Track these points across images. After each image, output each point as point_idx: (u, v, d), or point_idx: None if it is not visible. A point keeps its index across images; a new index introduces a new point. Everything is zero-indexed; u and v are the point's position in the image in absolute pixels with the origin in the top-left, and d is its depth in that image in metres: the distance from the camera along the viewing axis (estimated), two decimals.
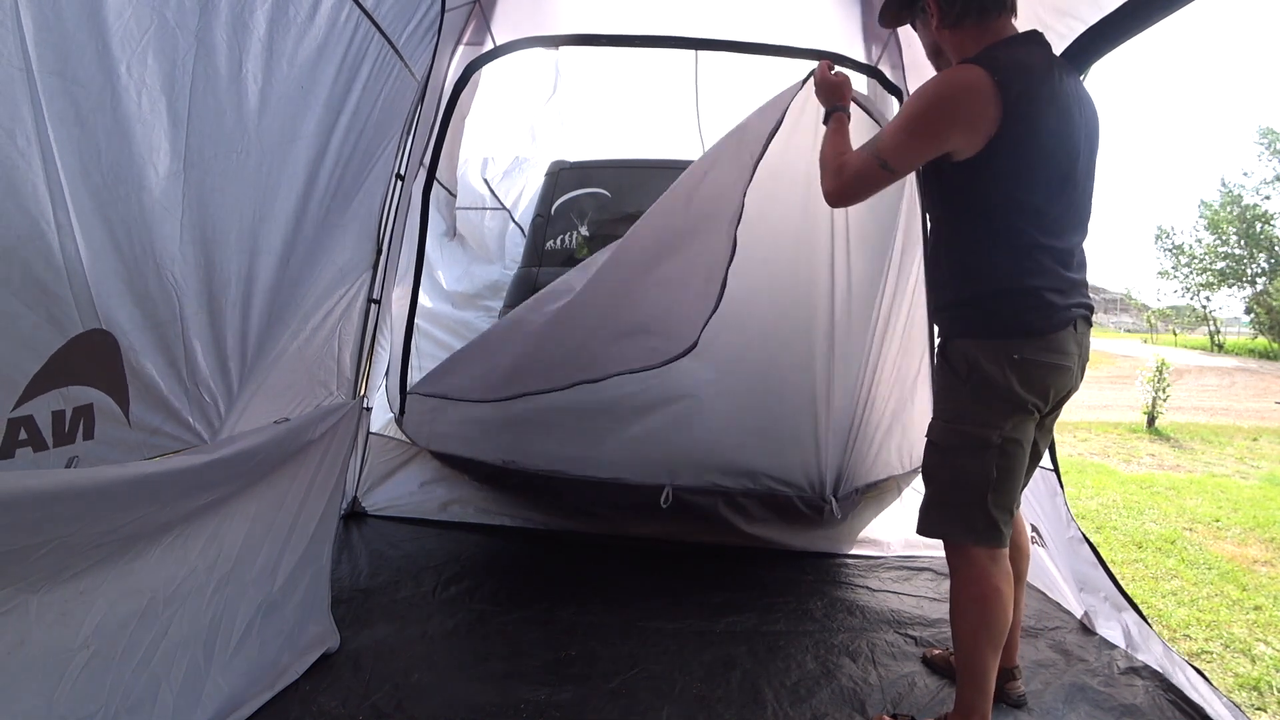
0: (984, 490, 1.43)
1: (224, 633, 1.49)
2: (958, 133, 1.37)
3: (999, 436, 1.42)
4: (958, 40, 1.48)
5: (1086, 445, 6.19)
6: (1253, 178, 29.64)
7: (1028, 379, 1.40)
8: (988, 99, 1.32)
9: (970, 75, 1.35)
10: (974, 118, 1.34)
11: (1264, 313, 23.37)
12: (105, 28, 0.97)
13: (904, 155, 1.43)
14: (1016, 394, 1.40)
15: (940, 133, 1.38)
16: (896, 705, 1.72)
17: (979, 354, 1.42)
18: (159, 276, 1.18)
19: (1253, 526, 3.75)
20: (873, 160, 1.45)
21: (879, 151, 1.44)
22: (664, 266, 2.02)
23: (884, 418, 2.52)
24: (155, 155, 1.10)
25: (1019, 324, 1.40)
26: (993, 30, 1.44)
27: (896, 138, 1.42)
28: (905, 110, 1.46)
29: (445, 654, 1.85)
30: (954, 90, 1.37)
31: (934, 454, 1.52)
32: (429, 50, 1.92)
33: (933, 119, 1.39)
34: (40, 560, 1.03)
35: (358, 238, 1.89)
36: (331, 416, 1.82)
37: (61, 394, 1.02)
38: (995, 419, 1.42)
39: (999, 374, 1.40)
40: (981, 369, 1.41)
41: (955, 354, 1.48)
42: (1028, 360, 1.39)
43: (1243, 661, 2.21)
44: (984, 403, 1.42)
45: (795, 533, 2.61)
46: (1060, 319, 1.40)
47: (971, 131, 1.35)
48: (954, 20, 1.46)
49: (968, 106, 1.34)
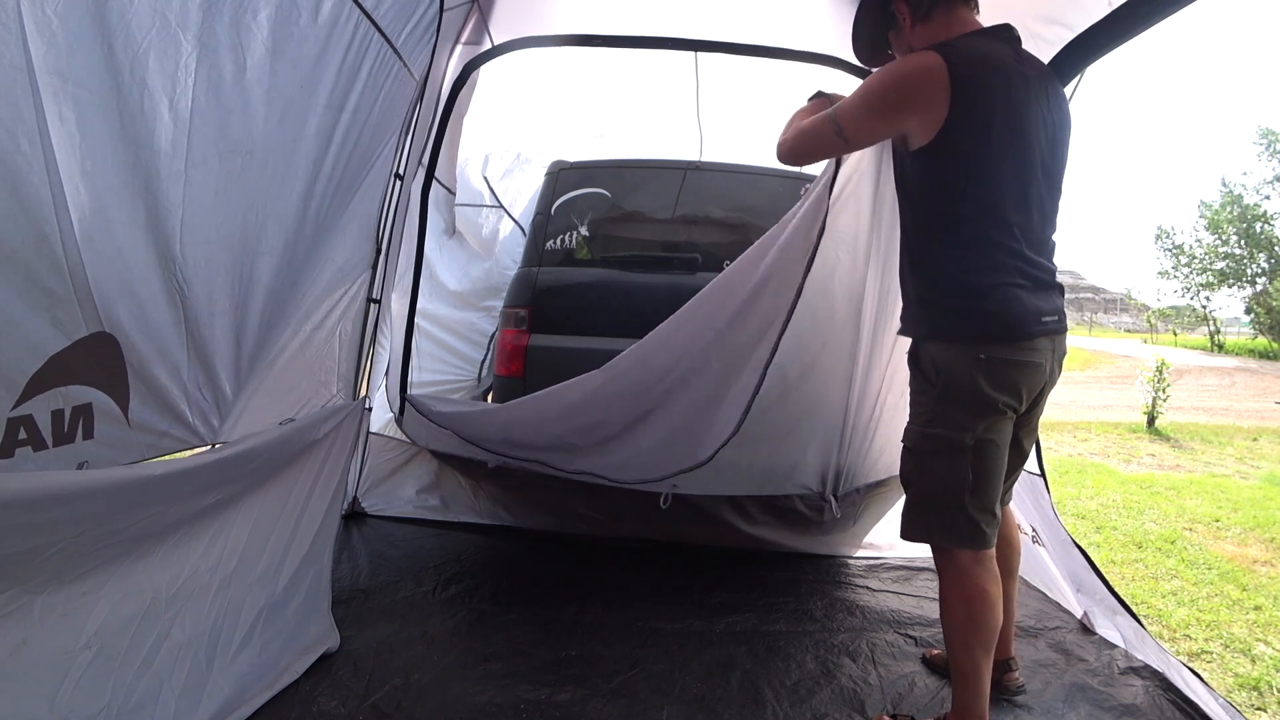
0: (961, 493, 1.42)
1: (226, 634, 1.49)
2: (909, 113, 1.41)
3: (972, 438, 1.41)
4: (929, 34, 1.50)
5: (1086, 445, 6.19)
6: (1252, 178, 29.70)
7: (996, 379, 1.38)
8: (940, 83, 1.35)
9: (926, 59, 1.38)
10: (929, 100, 1.36)
11: (1264, 313, 23.39)
12: (108, 30, 0.97)
13: (858, 125, 1.48)
14: (986, 395, 1.38)
15: (893, 110, 1.43)
16: (896, 705, 1.72)
17: (944, 356, 1.42)
18: (162, 279, 1.18)
19: (1253, 526, 3.75)
20: (829, 123, 1.50)
21: (836, 116, 1.49)
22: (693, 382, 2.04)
23: (883, 416, 2.51)
24: (158, 157, 1.10)
25: (981, 325, 1.39)
26: (959, 21, 1.48)
27: (853, 109, 1.48)
28: (865, 84, 1.50)
29: (445, 654, 1.84)
30: (909, 71, 1.41)
31: (910, 459, 1.52)
32: (428, 49, 1.92)
33: (887, 96, 1.43)
34: (46, 561, 1.03)
35: (357, 237, 1.89)
36: (335, 417, 1.82)
37: (60, 393, 1.03)
38: (967, 421, 1.41)
39: (966, 376, 1.39)
40: (948, 371, 1.41)
41: (924, 357, 1.48)
42: (995, 360, 1.38)
43: (1243, 661, 2.20)
44: (954, 405, 1.42)
45: (796, 534, 2.60)
46: (1024, 321, 1.38)
47: (926, 113, 1.37)
48: (924, 13, 1.50)
49: (921, 89, 1.37)
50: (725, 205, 2.97)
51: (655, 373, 2.07)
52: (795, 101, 1.91)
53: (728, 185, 3.00)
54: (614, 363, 2.07)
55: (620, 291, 2.72)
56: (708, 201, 2.96)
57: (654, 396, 2.08)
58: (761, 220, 2.92)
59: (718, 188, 2.99)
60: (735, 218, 2.95)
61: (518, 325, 2.73)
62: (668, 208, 2.96)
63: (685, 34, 2.47)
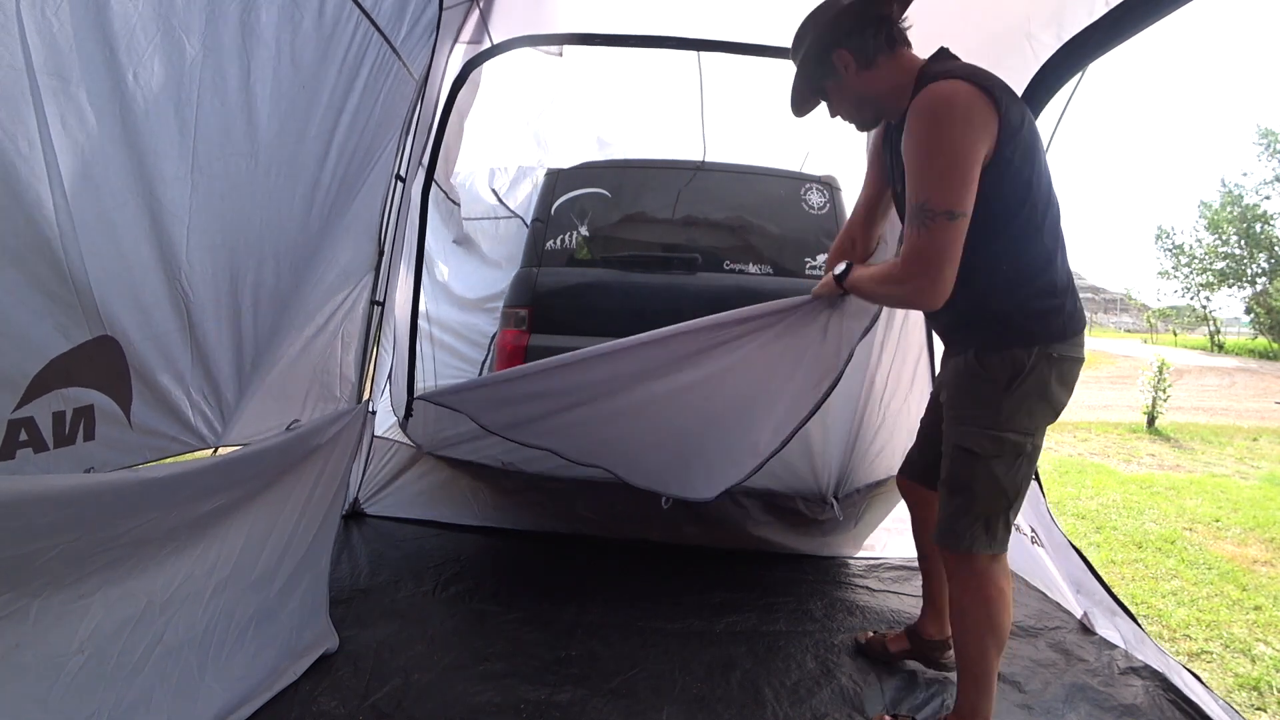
0: (1013, 498, 1.43)
1: (219, 637, 1.49)
2: (982, 141, 1.28)
3: (1032, 445, 1.42)
4: (881, 76, 1.45)
5: (1086, 445, 6.19)
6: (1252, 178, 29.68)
7: (1064, 378, 1.41)
8: (983, 102, 1.28)
9: (955, 86, 1.28)
10: (986, 121, 1.28)
11: (1264, 313, 23.40)
12: (111, 35, 0.97)
13: (962, 191, 1.27)
14: (1055, 396, 1.41)
15: (974, 147, 1.28)
16: (896, 705, 1.72)
17: (1026, 359, 1.38)
18: (166, 284, 1.18)
19: (1253, 526, 3.75)
20: (938, 222, 1.27)
21: (933, 206, 1.27)
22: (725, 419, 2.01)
23: (884, 418, 2.52)
24: (162, 162, 1.10)
25: (1059, 323, 1.39)
26: (907, 60, 1.45)
27: (944, 180, 1.27)
28: (925, 151, 1.30)
29: (445, 654, 1.85)
30: (954, 102, 1.28)
31: (971, 463, 1.44)
32: (427, 49, 1.92)
33: (959, 140, 1.27)
34: (44, 565, 1.03)
35: (359, 239, 1.89)
36: (339, 422, 1.82)
37: (62, 395, 1.02)
38: (1033, 424, 1.42)
39: (1042, 377, 1.39)
40: (1028, 373, 1.38)
41: (995, 363, 1.41)
42: (1065, 358, 1.40)
43: (1243, 661, 2.21)
44: (1026, 409, 1.40)
45: (797, 535, 2.60)
46: (1083, 314, 1.43)
47: (988, 137, 1.28)
48: (870, 59, 1.44)
49: (977, 113, 1.28)
50: (725, 205, 2.97)
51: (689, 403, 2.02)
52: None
53: (728, 185, 3.00)
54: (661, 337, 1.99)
55: (620, 292, 2.72)
56: (708, 202, 2.96)
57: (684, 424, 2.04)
58: (761, 220, 2.93)
59: (718, 188, 2.99)
60: (735, 218, 2.95)
61: (518, 325, 2.73)
62: (668, 208, 2.96)
63: (688, 33, 2.46)
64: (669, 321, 2.10)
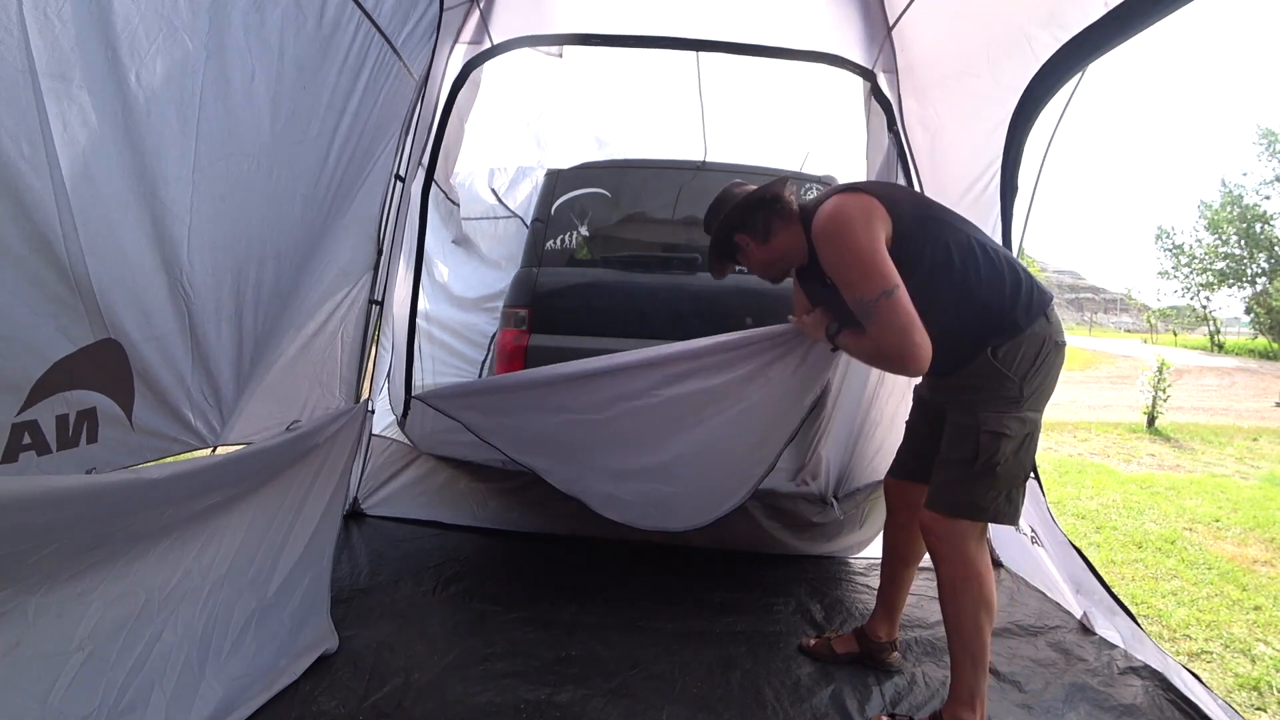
0: (1028, 471, 1.57)
1: (218, 635, 1.49)
2: (878, 227, 1.49)
3: (1039, 425, 1.56)
4: (779, 241, 1.71)
5: (1086, 445, 6.19)
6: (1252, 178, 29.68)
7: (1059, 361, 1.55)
8: (861, 200, 1.50)
9: (835, 201, 1.53)
10: (871, 211, 1.49)
11: (1264, 313, 23.40)
12: (113, 36, 0.97)
13: (883, 271, 1.45)
14: (1055, 377, 1.55)
15: (874, 237, 1.48)
16: (896, 705, 1.72)
17: (1030, 345, 1.50)
18: (168, 285, 1.18)
19: (1253, 526, 3.75)
20: (880, 304, 1.44)
21: (868, 297, 1.45)
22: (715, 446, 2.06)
23: (884, 417, 2.52)
24: (164, 162, 1.10)
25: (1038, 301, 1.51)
26: (795, 222, 1.68)
27: (866, 274, 1.46)
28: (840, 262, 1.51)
29: (445, 654, 1.85)
30: (841, 212, 1.50)
31: (1005, 444, 1.50)
32: (428, 49, 1.92)
33: (860, 237, 1.47)
34: (42, 562, 1.03)
35: (358, 239, 1.89)
36: (338, 420, 1.82)
37: (65, 398, 1.03)
38: (1042, 404, 1.56)
39: (1052, 354, 1.52)
40: (1035, 352, 1.50)
41: (1004, 356, 1.50)
42: (1060, 344, 1.55)
43: (1242, 661, 2.21)
44: (1038, 388, 1.52)
45: (798, 535, 2.60)
46: (1045, 290, 1.56)
47: (881, 221, 1.50)
48: (766, 234, 1.71)
49: (860, 210, 1.49)
50: None
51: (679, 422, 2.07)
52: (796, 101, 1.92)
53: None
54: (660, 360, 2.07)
55: (620, 292, 2.73)
56: (708, 202, 2.96)
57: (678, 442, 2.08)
58: None
59: (718, 188, 2.98)
60: None
61: (518, 325, 2.73)
62: (668, 208, 2.97)
63: (686, 34, 2.46)
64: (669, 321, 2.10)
